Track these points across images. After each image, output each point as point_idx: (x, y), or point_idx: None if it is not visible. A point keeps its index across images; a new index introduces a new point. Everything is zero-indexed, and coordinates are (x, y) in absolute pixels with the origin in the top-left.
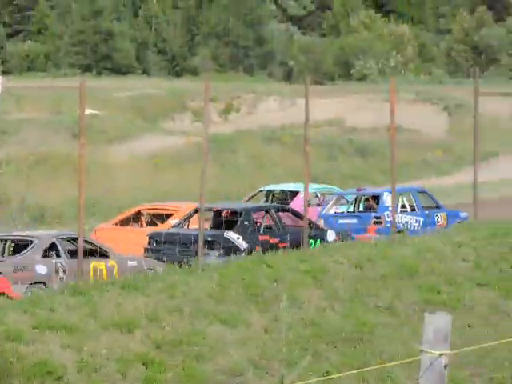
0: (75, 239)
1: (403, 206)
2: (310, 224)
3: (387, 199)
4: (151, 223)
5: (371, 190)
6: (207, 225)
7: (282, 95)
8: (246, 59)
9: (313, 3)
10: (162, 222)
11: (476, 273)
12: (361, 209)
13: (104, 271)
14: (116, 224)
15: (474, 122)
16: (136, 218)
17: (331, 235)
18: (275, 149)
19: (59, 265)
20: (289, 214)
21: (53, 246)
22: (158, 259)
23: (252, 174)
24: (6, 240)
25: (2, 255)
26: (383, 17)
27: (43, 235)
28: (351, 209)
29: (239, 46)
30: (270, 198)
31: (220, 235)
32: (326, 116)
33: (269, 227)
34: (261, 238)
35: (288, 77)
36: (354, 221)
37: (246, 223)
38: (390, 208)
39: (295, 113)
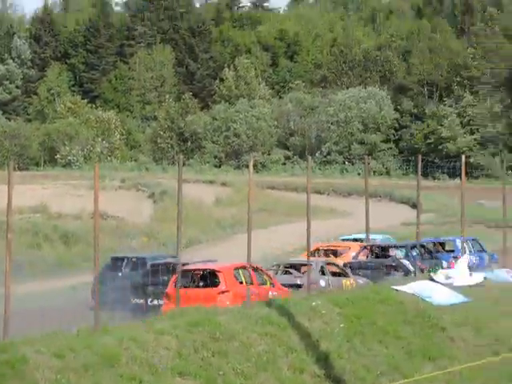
0: (330, 264)
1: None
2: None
3: (459, 244)
4: (326, 256)
5: (442, 238)
6: (365, 256)
7: None
8: None
9: (18, 88)
10: (335, 256)
11: (177, 361)
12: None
13: (349, 286)
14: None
15: (178, 208)
16: (314, 253)
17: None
18: None
19: (329, 281)
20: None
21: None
22: None
23: None
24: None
25: (301, 272)
26: (89, 103)
27: (317, 261)
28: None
29: None
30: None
31: (399, 262)
32: (31, 202)
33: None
34: (418, 263)
35: None
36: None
37: (409, 254)
38: (464, 250)
39: None
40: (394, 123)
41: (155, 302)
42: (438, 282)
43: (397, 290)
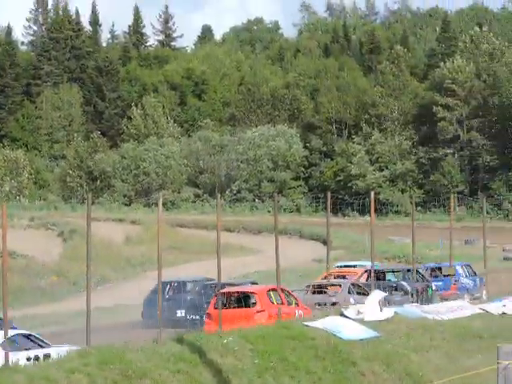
0: (354, 284)
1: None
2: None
3: (459, 269)
4: None
5: (441, 264)
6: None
7: None
8: None
9: None
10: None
11: None
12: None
13: None
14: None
15: (87, 247)
16: (325, 278)
17: None
18: None
19: (356, 297)
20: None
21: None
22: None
23: None
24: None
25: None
26: None
27: (344, 282)
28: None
29: None
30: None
31: (400, 283)
32: None
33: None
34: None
35: None
36: (440, 283)
37: (406, 277)
38: (462, 274)
39: None
40: (303, 161)
41: None
42: (348, 318)
43: (308, 326)
